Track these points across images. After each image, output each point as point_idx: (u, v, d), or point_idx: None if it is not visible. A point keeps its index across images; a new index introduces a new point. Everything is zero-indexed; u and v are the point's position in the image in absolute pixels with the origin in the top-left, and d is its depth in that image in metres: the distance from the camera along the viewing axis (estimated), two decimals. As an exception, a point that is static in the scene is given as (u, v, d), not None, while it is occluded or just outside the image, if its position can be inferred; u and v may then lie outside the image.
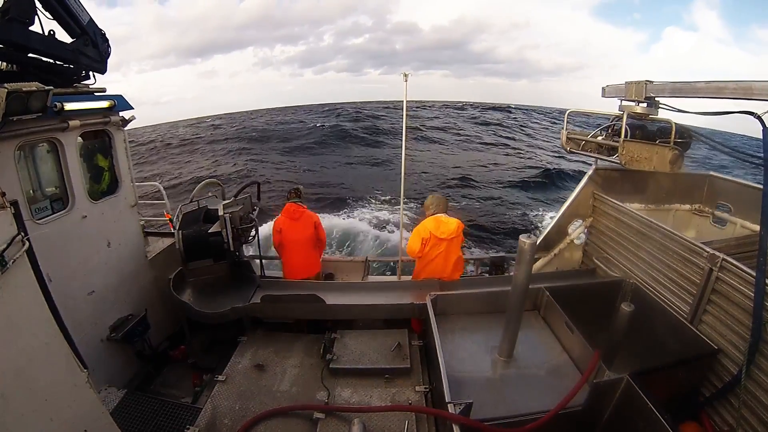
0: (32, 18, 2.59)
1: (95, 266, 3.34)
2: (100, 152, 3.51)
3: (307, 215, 4.08)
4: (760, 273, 2.29)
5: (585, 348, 2.59)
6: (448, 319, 3.14)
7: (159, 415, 3.02)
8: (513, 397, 2.48)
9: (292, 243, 4.06)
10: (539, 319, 3.22)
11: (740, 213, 4.11)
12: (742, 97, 2.66)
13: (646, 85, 3.49)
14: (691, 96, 3.14)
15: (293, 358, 3.13)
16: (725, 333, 2.59)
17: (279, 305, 3.41)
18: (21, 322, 1.69)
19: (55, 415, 1.81)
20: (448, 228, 3.55)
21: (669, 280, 3.09)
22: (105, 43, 3.20)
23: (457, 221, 3.64)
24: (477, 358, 2.80)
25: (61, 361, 1.87)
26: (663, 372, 2.55)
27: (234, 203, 3.73)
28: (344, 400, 2.71)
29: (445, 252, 3.61)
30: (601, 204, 4.13)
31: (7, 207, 1.64)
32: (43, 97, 2.42)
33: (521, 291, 2.51)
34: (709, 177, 4.43)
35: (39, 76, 2.70)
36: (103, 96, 3.33)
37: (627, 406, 2.20)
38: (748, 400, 2.38)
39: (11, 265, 1.60)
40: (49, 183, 3.12)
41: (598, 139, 4.14)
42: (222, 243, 3.53)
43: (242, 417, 2.55)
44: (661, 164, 3.49)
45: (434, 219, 3.63)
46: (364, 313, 3.49)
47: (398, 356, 2.98)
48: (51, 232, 2.92)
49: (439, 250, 3.60)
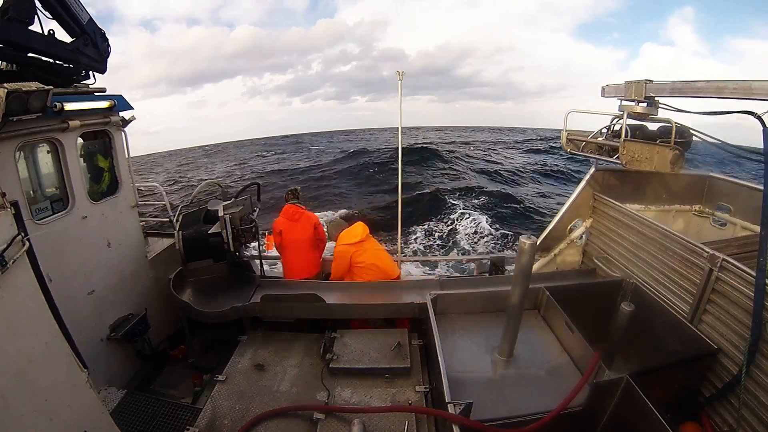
0: (32, 17, 2.58)
1: (95, 266, 3.34)
2: (101, 153, 3.51)
3: (306, 216, 4.09)
4: (760, 273, 2.29)
5: (585, 348, 2.58)
6: (448, 319, 3.14)
7: (159, 416, 3.02)
8: (513, 397, 2.48)
9: (292, 244, 4.06)
10: (539, 318, 3.22)
11: (740, 214, 4.10)
12: (742, 97, 2.66)
13: (645, 84, 3.48)
14: (691, 95, 3.13)
15: (293, 357, 3.13)
16: (725, 333, 2.59)
17: (279, 305, 3.41)
18: (21, 322, 1.69)
19: (55, 415, 1.81)
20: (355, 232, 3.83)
21: (669, 280, 3.09)
22: (105, 42, 3.19)
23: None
24: (477, 358, 2.80)
25: (61, 361, 1.87)
26: (663, 372, 2.55)
27: (234, 204, 3.73)
28: (344, 400, 2.71)
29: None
30: (601, 205, 4.13)
31: (7, 207, 1.64)
32: (43, 97, 2.42)
33: (521, 291, 2.51)
34: (709, 178, 4.43)
35: (39, 75, 2.69)
36: (103, 96, 3.33)
37: (627, 406, 2.20)
38: (748, 400, 2.38)
39: (11, 265, 1.61)
40: (50, 183, 3.12)
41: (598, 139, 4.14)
42: (222, 243, 3.53)
43: (242, 417, 2.54)
44: (661, 164, 3.48)
45: (345, 233, 3.86)
46: (364, 313, 3.49)
47: (398, 356, 2.98)
48: (51, 233, 2.92)
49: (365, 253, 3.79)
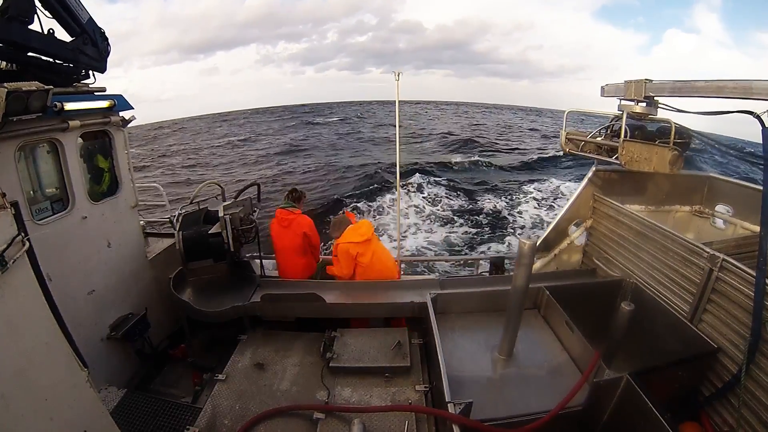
0: (32, 17, 2.58)
1: (95, 266, 3.34)
2: (101, 153, 3.51)
3: (296, 223, 3.98)
4: (760, 273, 2.29)
5: (585, 347, 2.59)
6: (448, 318, 3.14)
7: (159, 415, 3.02)
8: (513, 397, 2.48)
9: (281, 249, 4.07)
10: (539, 318, 3.22)
11: (740, 214, 4.10)
12: (741, 97, 2.66)
13: (645, 84, 3.47)
14: (691, 95, 3.13)
15: (293, 356, 3.13)
16: (725, 332, 2.59)
17: (279, 304, 3.41)
18: (21, 322, 1.69)
19: (55, 414, 1.81)
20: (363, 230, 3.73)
21: (669, 280, 3.09)
22: (104, 42, 3.19)
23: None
24: (477, 357, 2.81)
25: (61, 361, 1.87)
26: (663, 371, 2.55)
27: (234, 204, 3.73)
28: (344, 400, 2.71)
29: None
30: (601, 205, 4.13)
31: (8, 207, 1.64)
32: (43, 96, 2.41)
33: (521, 290, 2.51)
34: (709, 178, 4.43)
35: (38, 75, 2.69)
36: (103, 96, 3.33)
37: (627, 405, 2.21)
38: (748, 400, 2.38)
39: (11, 265, 1.60)
40: (50, 184, 3.12)
41: (597, 139, 4.14)
42: (222, 244, 3.53)
43: (242, 417, 2.54)
44: (660, 165, 3.48)
45: (350, 230, 3.75)
46: (364, 312, 3.49)
47: (398, 355, 2.98)
48: (51, 233, 2.92)
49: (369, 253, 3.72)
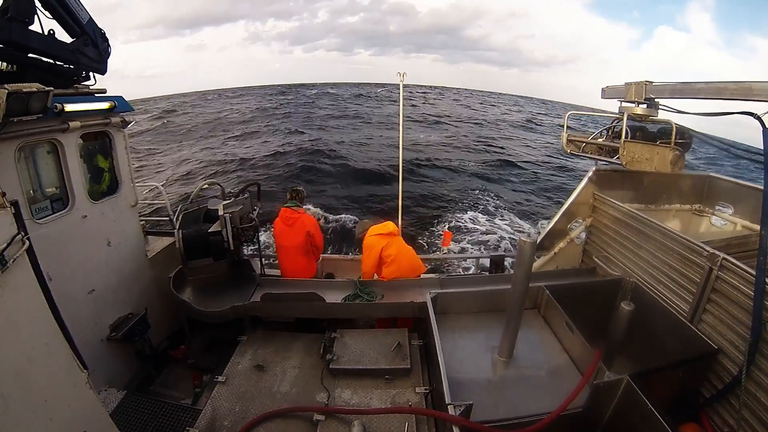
0: (32, 17, 2.59)
1: (95, 265, 3.34)
2: (101, 153, 3.51)
3: (300, 222, 3.98)
4: (760, 272, 2.29)
5: (585, 348, 2.58)
6: (448, 318, 3.13)
7: (159, 417, 3.01)
8: (513, 398, 2.48)
9: (284, 248, 4.06)
10: (539, 318, 3.22)
11: (740, 213, 4.11)
12: (742, 98, 2.66)
13: (645, 86, 3.49)
14: (691, 97, 3.14)
15: (293, 358, 3.12)
16: (725, 332, 2.59)
17: (279, 304, 3.41)
18: (21, 322, 1.68)
19: (55, 415, 1.80)
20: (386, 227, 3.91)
21: (669, 279, 3.09)
22: (105, 42, 3.19)
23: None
24: (477, 358, 2.80)
25: (61, 361, 1.87)
26: (663, 373, 2.54)
27: (234, 203, 3.73)
28: (344, 401, 2.70)
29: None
30: (602, 204, 4.13)
31: (8, 207, 1.64)
32: (43, 98, 2.41)
33: (521, 290, 2.51)
34: (709, 178, 4.43)
35: (39, 76, 2.70)
36: (104, 97, 3.33)
37: (627, 407, 2.20)
38: (748, 401, 2.37)
39: (11, 264, 1.60)
40: (50, 183, 3.11)
41: (598, 141, 4.15)
42: (222, 242, 3.53)
43: (242, 419, 2.54)
44: (662, 165, 3.49)
45: (375, 227, 3.93)
46: (364, 312, 3.49)
47: (398, 356, 2.98)
48: (51, 232, 2.91)
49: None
